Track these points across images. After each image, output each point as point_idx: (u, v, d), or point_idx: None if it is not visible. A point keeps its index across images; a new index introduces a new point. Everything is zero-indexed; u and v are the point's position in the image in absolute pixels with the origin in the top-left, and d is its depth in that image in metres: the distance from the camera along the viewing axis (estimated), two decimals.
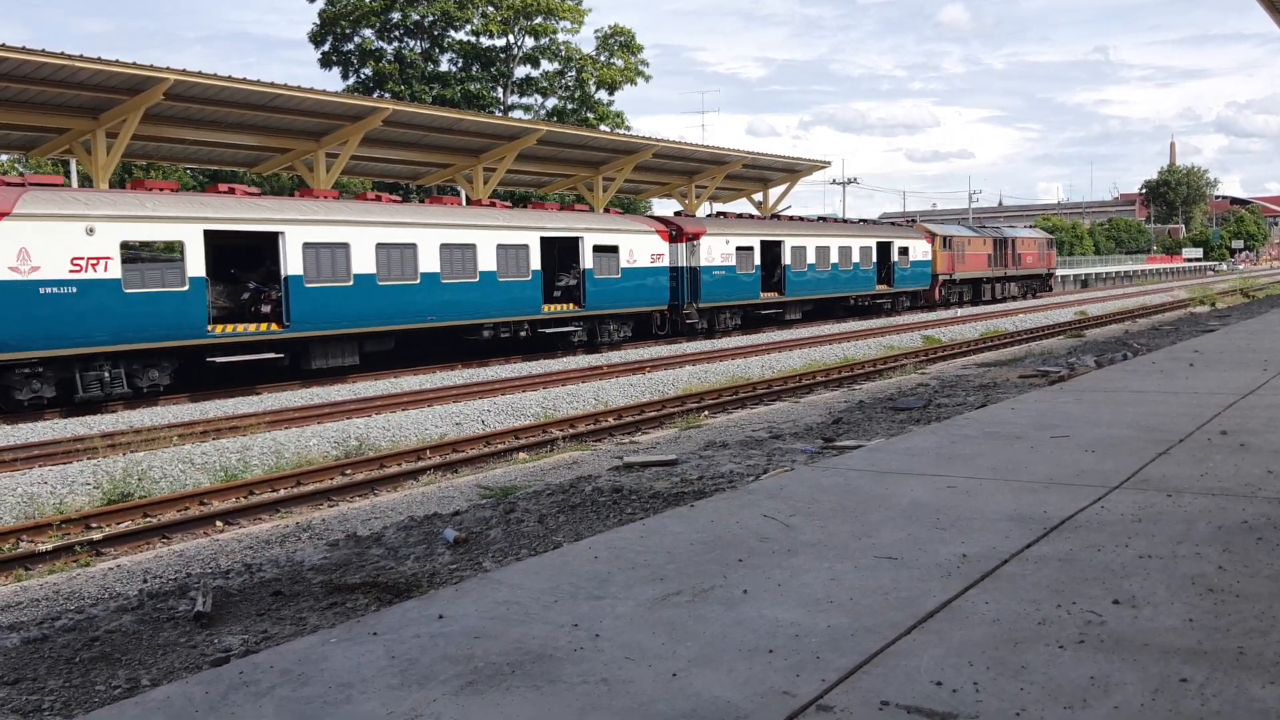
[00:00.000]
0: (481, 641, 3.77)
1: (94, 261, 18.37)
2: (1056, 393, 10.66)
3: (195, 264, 19.92)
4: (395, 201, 26.10)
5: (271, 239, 21.56)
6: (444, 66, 58.28)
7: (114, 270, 18.64)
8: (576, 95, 59.76)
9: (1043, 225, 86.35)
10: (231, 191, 21.88)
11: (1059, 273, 66.34)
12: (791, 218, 41.33)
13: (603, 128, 55.00)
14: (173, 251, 20.58)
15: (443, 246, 24.76)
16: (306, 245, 21.81)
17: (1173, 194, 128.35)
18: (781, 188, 48.59)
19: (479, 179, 34.65)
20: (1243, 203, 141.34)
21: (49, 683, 5.04)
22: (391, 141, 31.78)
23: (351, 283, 22.69)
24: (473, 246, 25.51)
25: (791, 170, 47.02)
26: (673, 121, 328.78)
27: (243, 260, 23.07)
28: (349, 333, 22.87)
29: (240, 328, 21.18)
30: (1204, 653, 3.43)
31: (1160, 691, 3.14)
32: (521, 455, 13.78)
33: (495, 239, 26.14)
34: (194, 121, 27.07)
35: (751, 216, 41.69)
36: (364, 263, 22.96)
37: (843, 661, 3.44)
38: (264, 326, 21.53)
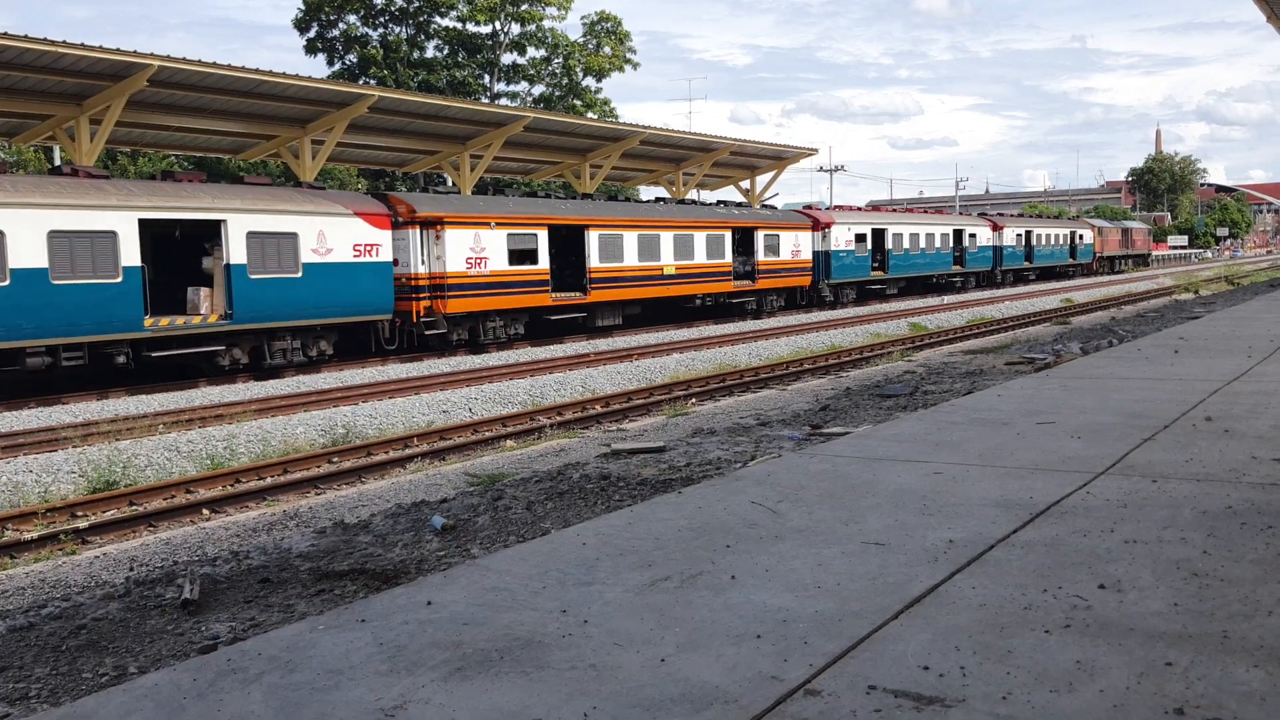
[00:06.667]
0: (470, 628, 3.78)
1: (839, 239, 39.59)
2: (1042, 379, 10.71)
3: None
4: (894, 211, 47.62)
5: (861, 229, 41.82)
6: (430, 53, 57.99)
7: (852, 246, 40.12)
8: (563, 82, 59.55)
9: (1029, 213, 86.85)
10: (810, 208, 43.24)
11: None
12: (1034, 215, 71.85)
13: (590, 115, 54.81)
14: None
15: (925, 234, 45.33)
16: (856, 236, 41.00)
17: (1157, 181, 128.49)
18: (769, 175, 48.58)
19: (465, 166, 34.53)
20: (1229, 190, 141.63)
21: (36, 670, 5.03)
22: (377, 128, 31.61)
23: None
24: (934, 234, 46.07)
25: (779, 157, 47.01)
26: (660, 108, 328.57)
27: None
28: (896, 277, 43.64)
29: None
30: (1189, 636, 3.46)
31: (1145, 675, 3.16)
32: (509, 443, 13.77)
33: (940, 230, 46.88)
34: (178, 108, 26.85)
35: (1022, 215, 71.76)
36: (893, 243, 42.92)
37: (830, 646, 3.46)
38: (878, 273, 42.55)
